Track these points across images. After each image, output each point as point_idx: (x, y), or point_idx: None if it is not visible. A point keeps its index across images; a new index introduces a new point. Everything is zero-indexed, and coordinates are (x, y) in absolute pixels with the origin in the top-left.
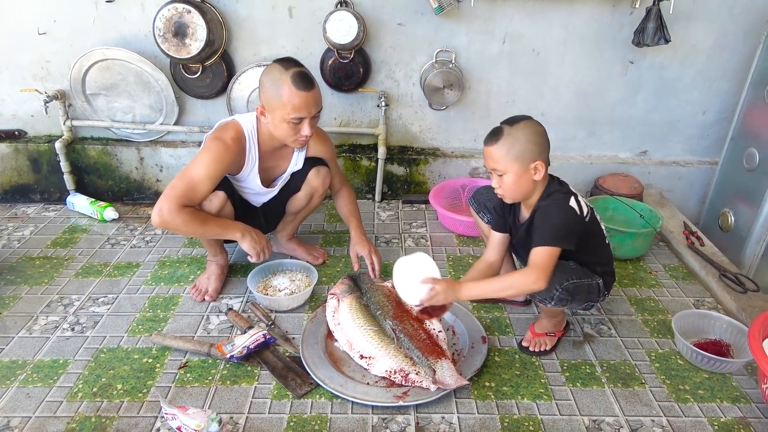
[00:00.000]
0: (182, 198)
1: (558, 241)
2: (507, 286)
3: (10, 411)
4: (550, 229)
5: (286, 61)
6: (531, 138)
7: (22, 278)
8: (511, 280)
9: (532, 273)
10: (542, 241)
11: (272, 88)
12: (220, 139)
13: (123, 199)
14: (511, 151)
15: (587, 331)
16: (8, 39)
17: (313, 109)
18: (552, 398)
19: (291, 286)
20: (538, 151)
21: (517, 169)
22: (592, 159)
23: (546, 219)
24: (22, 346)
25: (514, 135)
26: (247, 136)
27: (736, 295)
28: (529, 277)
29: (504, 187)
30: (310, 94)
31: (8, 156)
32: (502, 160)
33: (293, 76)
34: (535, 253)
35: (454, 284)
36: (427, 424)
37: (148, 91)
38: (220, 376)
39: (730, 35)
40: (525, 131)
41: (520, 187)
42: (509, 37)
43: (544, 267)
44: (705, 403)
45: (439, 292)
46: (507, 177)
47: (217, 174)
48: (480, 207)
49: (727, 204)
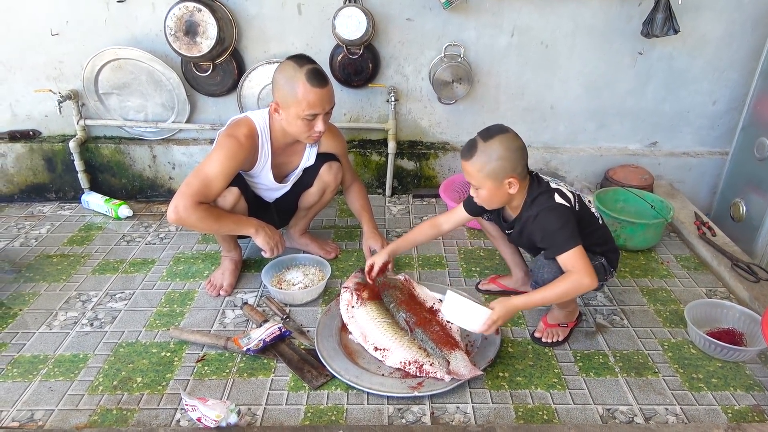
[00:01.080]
0: (197, 195)
1: (573, 241)
2: (561, 294)
3: (33, 404)
4: (558, 235)
5: (300, 58)
6: (503, 155)
7: (40, 275)
8: (563, 288)
9: (578, 276)
10: (562, 249)
11: (286, 85)
12: (233, 136)
13: (137, 197)
14: (483, 169)
15: (600, 321)
16: (22, 40)
17: (327, 105)
18: (566, 388)
19: (305, 280)
20: (511, 167)
21: (490, 186)
22: (602, 151)
23: (547, 229)
24: (43, 341)
25: (487, 152)
26: (259, 132)
27: (749, 285)
28: (579, 282)
29: (480, 198)
30: (324, 90)
31: (24, 156)
32: (476, 176)
33: (307, 73)
34: (566, 261)
35: (507, 303)
36: (442, 413)
37: (159, 89)
38: (237, 368)
39: (739, 25)
40: (497, 147)
41: (495, 198)
42: (518, 30)
43: (584, 266)
44: (719, 391)
45: (499, 318)
46: (482, 191)
47: (231, 171)
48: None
49: (739, 194)
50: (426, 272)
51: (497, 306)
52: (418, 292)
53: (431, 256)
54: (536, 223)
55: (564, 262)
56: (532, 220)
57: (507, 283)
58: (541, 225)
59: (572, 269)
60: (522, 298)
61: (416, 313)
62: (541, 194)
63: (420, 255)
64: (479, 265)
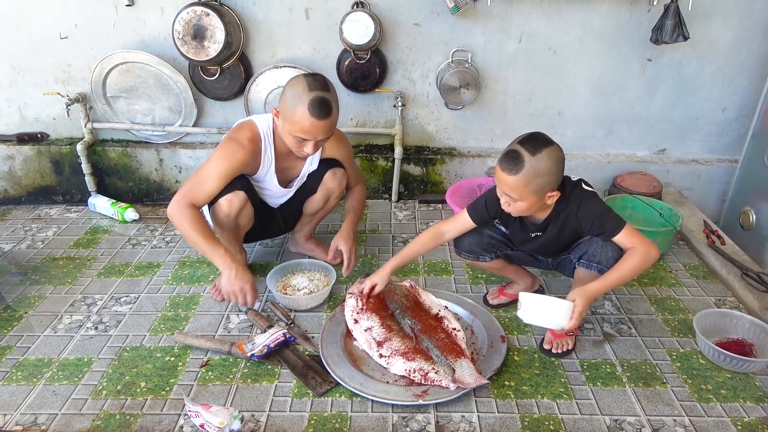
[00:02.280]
0: (189, 193)
1: (622, 220)
2: (635, 270)
3: (37, 408)
4: (607, 217)
5: (314, 80)
6: (552, 170)
7: (46, 278)
8: (636, 264)
9: (644, 249)
10: (617, 228)
11: (291, 100)
12: (234, 139)
13: (143, 200)
14: (530, 184)
15: (607, 330)
16: (31, 43)
17: (320, 136)
18: (572, 398)
19: (310, 286)
20: (556, 181)
21: (533, 200)
22: (610, 158)
23: (594, 215)
24: (48, 344)
25: (536, 167)
26: (262, 136)
27: (759, 294)
28: (647, 254)
29: (516, 209)
30: (320, 123)
31: (31, 158)
32: (520, 190)
33: (312, 100)
34: (623, 239)
35: (587, 292)
36: (447, 422)
37: (167, 93)
38: (241, 374)
39: (750, 31)
40: (547, 163)
41: (532, 210)
42: (525, 35)
43: (644, 240)
44: (728, 403)
45: (584, 309)
46: (521, 204)
47: (227, 172)
48: (476, 255)
49: (749, 202)
50: (432, 278)
51: (578, 296)
52: (424, 299)
53: (437, 263)
54: (580, 213)
55: (622, 240)
56: (575, 213)
57: (515, 291)
58: (586, 214)
59: (635, 244)
60: (598, 282)
61: (421, 320)
62: (573, 189)
63: (426, 261)
64: (485, 273)
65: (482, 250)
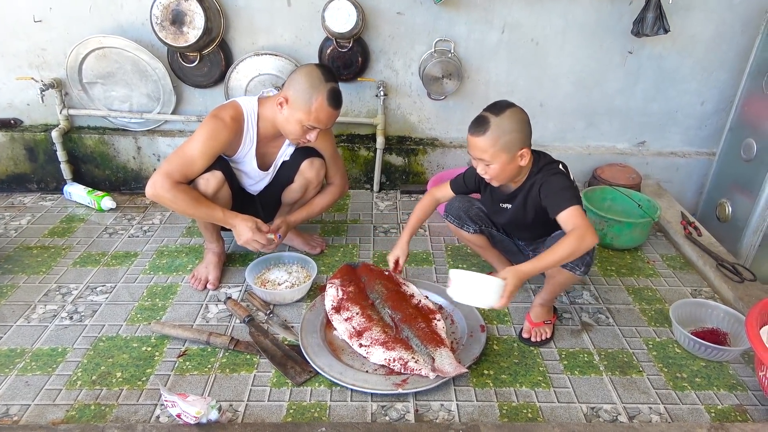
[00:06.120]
0: (176, 173)
1: (576, 200)
2: (567, 253)
3: (9, 399)
4: (561, 194)
5: (327, 72)
6: (516, 127)
7: (19, 267)
8: (568, 247)
9: (580, 232)
10: (565, 204)
11: (306, 91)
12: (217, 117)
13: (120, 189)
14: (497, 142)
15: (585, 320)
16: (3, 26)
17: (329, 125)
18: (550, 386)
19: (290, 279)
20: (522, 138)
21: (504, 159)
22: (590, 149)
23: (552, 189)
24: (21, 334)
25: (501, 126)
26: (246, 117)
27: (734, 285)
28: (582, 238)
29: (490, 173)
30: (335, 112)
31: (4, 145)
32: (489, 150)
33: (330, 91)
34: (567, 217)
35: (517, 271)
36: (426, 411)
37: (145, 79)
38: (220, 364)
39: (729, 25)
40: (510, 121)
41: (506, 173)
42: (508, 26)
43: (585, 223)
44: (702, 390)
45: (515, 288)
46: (493, 166)
47: (213, 151)
48: (461, 222)
49: (725, 194)
50: (413, 269)
51: (508, 275)
52: (405, 289)
53: (418, 253)
54: (542, 185)
55: (565, 219)
56: (538, 184)
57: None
58: (547, 186)
59: (573, 227)
60: (530, 263)
61: (402, 310)
62: (548, 164)
63: None
64: (466, 262)
65: (468, 219)
